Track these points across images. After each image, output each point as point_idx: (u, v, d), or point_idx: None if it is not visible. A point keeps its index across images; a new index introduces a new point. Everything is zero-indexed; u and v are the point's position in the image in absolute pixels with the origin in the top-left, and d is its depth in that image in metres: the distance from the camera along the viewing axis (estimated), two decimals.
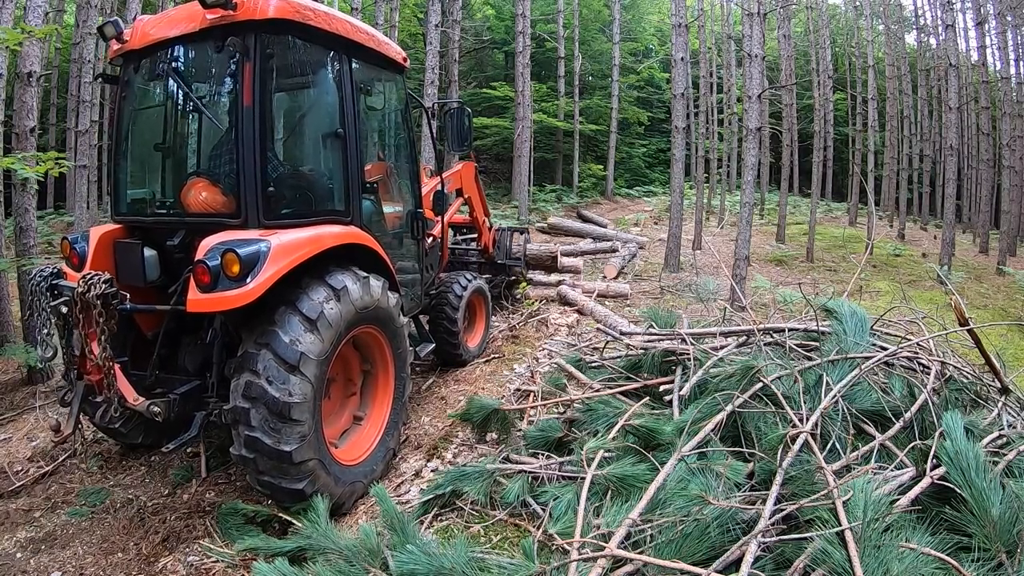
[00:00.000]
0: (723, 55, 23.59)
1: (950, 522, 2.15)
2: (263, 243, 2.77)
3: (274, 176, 3.12)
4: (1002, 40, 17.34)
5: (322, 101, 3.60)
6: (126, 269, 3.24)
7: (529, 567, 2.11)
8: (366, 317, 3.26)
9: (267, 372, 2.74)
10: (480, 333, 5.69)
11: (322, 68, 3.51)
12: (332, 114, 3.48)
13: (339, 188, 3.51)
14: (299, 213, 3.29)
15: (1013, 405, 3.26)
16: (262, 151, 2.98)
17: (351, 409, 3.62)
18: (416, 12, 19.80)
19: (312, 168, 3.60)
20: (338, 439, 3.45)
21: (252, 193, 2.98)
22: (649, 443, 2.94)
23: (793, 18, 20.62)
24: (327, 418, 3.29)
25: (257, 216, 2.99)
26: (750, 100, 7.87)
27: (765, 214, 19.33)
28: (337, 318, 2.99)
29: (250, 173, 2.97)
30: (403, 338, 3.66)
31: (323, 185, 3.55)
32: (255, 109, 2.94)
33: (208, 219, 3.11)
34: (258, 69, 2.95)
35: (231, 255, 2.68)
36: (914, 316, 4.52)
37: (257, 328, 2.86)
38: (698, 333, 4.08)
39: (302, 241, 2.99)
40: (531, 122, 18.27)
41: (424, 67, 12.42)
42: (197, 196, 3.18)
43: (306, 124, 3.67)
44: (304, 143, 3.69)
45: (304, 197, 3.41)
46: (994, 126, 17.67)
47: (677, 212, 9.85)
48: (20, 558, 2.89)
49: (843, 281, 8.91)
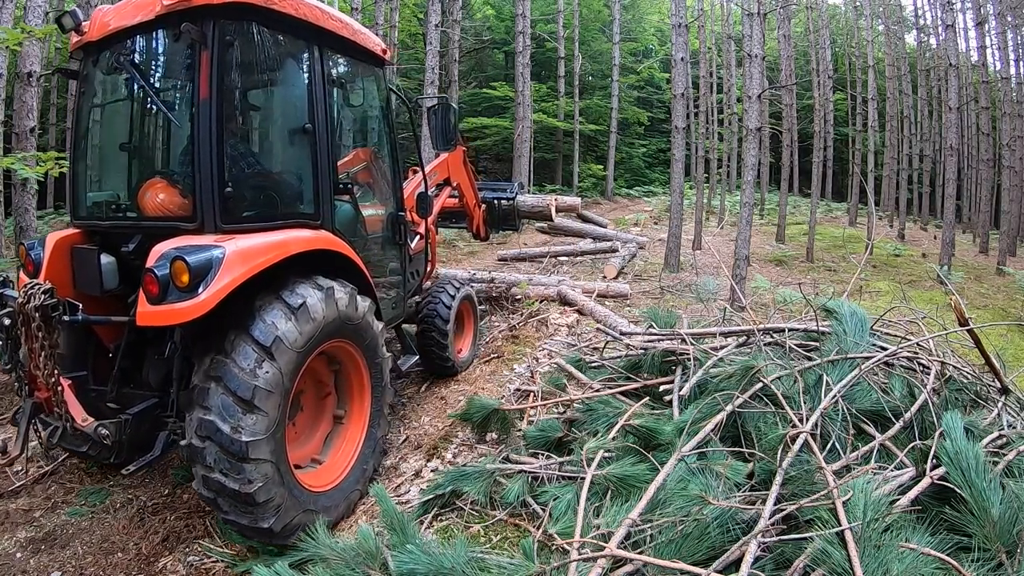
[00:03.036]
0: (723, 55, 23.60)
1: (950, 522, 2.15)
2: (217, 250, 2.53)
3: (233, 176, 2.86)
4: (1002, 40, 17.34)
5: (289, 94, 3.33)
6: (83, 277, 3.04)
7: (529, 567, 2.11)
8: (333, 331, 2.98)
9: (219, 409, 2.50)
10: (469, 342, 5.44)
11: (289, 58, 3.24)
12: (300, 108, 3.22)
13: (308, 189, 3.25)
14: (263, 216, 3.02)
15: (1013, 405, 3.26)
16: (219, 148, 2.73)
17: (324, 427, 3.37)
18: (416, 12, 19.80)
19: (277, 167, 3.33)
20: (319, 453, 3.26)
21: (208, 194, 2.72)
22: (649, 443, 2.94)
23: (793, 18, 20.62)
24: (297, 440, 3.13)
25: (214, 220, 2.73)
26: (750, 100, 7.87)
27: (765, 214, 19.33)
28: (296, 340, 2.70)
29: (206, 172, 2.71)
30: (378, 349, 3.39)
31: (290, 185, 3.30)
32: (212, 102, 2.70)
33: (164, 223, 2.87)
34: (216, 59, 2.70)
35: (180, 263, 2.45)
36: (914, 316, 4.52)
37: (208, 354, 2.61)
38: (698, 333, 4.08)
39: (263, 247, 2.72)
40: (531, 122, 18.28)
41: (424, 67, 12.42)
42: (154, 198, 2.95)
43: (271, 119, 3.36)
44: (268, 140, 3.38)
45: (268, 199, 3.15)
46: (994, 126, 17.68)
47: (677, 212, 9.85)
48: (20, 558, 2.89)
49: (843, 281, 8.91)
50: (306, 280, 2.91)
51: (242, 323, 2.63)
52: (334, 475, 3.15)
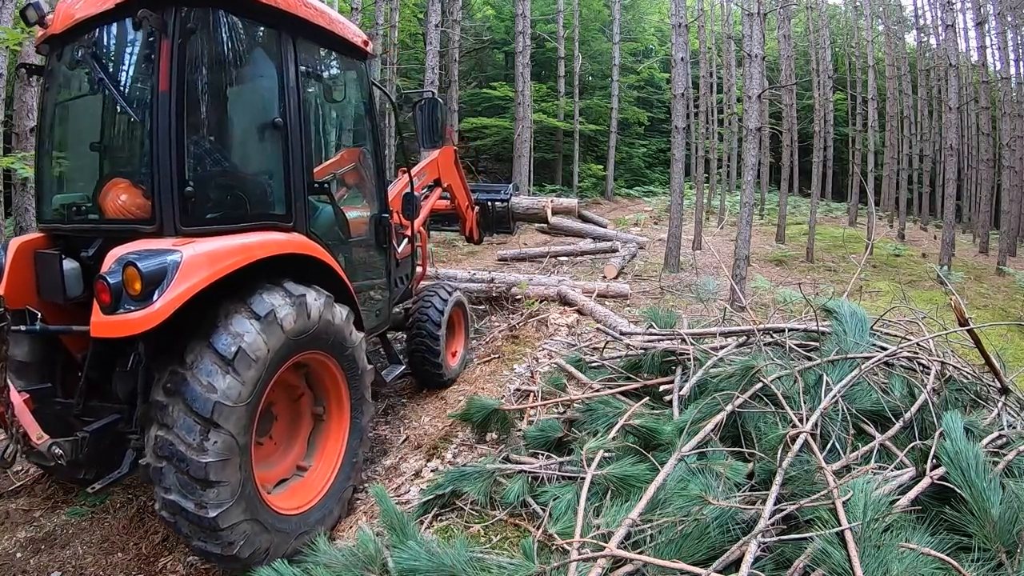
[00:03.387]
0: (723, 55, 23.61)
1: (950, 522, 2.16)
2: (173, 255, 2.34)
3: (195, 174, 2.65)
4: (1002, 40, 17.34)
5: (257, 86, 3.09)
6: (47, 284, 2.83)
7: (529, 567, 2.11)
8: (305, 342, 2.77)
9: (178, 427, 2.31)
10: (461, 349, 5.20)
11: (257, 48, 3.03)
12: (269, 102, 3.00)
13: (279, 188, 3.04)
14: (228, 218, 2.81)
15: (1013, 405, 3.26)
16: (179, 144, 2.53)
17: (300, 444, 3.16)
18: (416, 12, 19.80)
19: (245, 165, 3.08)
20: (290, 476, 3.04)
21: (167, 194, 2.52)
22: (649, 443, 2.94)
23: (793, 18, 20.64)
24: (269, 459, 2.94)
25: (173, 222, 2.54)
26: (750, 100, 7.87)
27: (765, 214, 19.33)
28: (262, 352, 2.49)
29: (165, 171, 2.51)
30: (358, 359, 3.17)
31: (259, 185, 3.07)
32: (171, 95, 2.50)
33: (124, 226, 2.68)
34: (176, 48, 2.51)
35: (131, 270, 2.27)
36: (914, 316, 4.52)
37: (168, 367, 2.42)
38: (698, 333, 4.08)
39: (225, 251, 2.52)
40: (531, 122, 18.29)
41: (424, 67, 12.42)
42: (116, 199, 2.76)
43: (237, 113, 3.07)
44: (235, 136, 3.09)
45: (234, 199, 2.93)
46: (994, 126, 17.68)
47: (677, 212, 9.85)
48: (20, 558, 2.89)
49: (843, 281, 8.91)
50: (276, 286, 2.70)
51: (204, 333, 2.44)
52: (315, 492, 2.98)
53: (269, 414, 2.92)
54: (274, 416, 2.98)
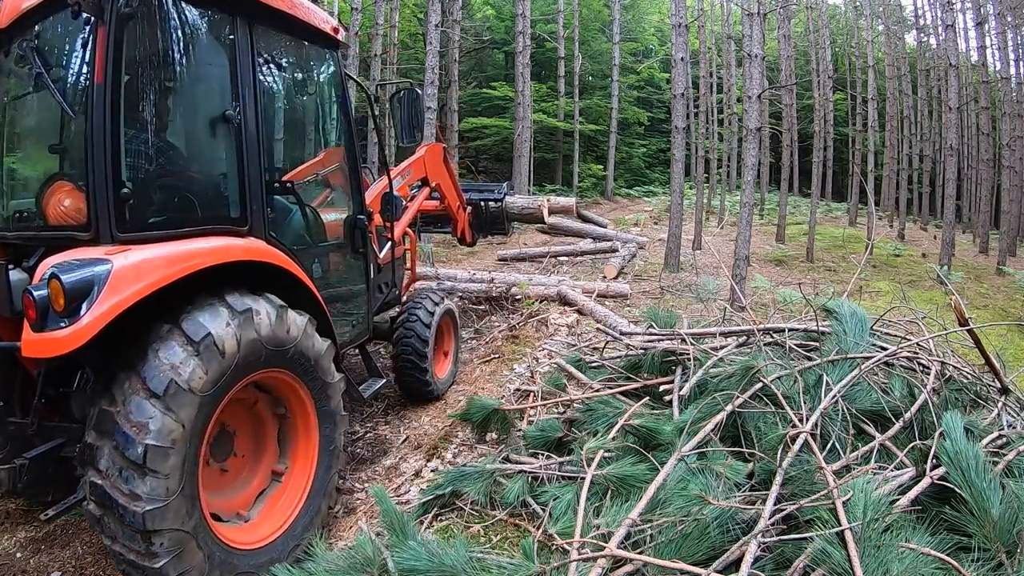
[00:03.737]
0: (723, 55, 23.62)
1: (950, 522, 2.16)
2: (101, 265, 2.10)
3: (134, 174, 2.42)
4: (1002, 40, 17.35)
5: (207, 76, 2.80)
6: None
7: (529, 567, 2.11)
8: (256, 361, 2.49)
9: (109, 472, 2.10)
10: (450, 361, 4.93)
11: (207, 34, 2.77)
12: (221, 93, 2.74)
13: (232, 189, 2.77)
14: (173, 223, 2.54)
15: (1013, 405, 3.26)
16: (115, 142, 2.31)
17: (271, 447, 2.89)
18: (416, 12, 19.81)
19: (192, 163, 2.80)
20: (268, 485, 2.83)
21: (102, 197, 2.29)
22: (649, 443, 2.94)
23: (793, 18, 20.64)
24: (239, 477, 2.74)
25: (109, 228, 2.30)
26: (750, 100, 7.87)
27: (765, 214, 19.34)
28: (199, 382, 2.22)
29: (100, 171, 2.28)
30: (324, 375, 2.88)
31: (208, 185, 2.80)
32: (107, 87, 2.28)
33: (64, 233, 2.47)
34: (112, 35, 2.28)
35: (55, 283, 2.04)
36: (914, 316, 4.52)
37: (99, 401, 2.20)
38: (698, 333, 4.08)
39: (164, 260, 2.26)
40: (531, 122, 18.29)
41: (424, 67, 12.42)
42: (58, 204, 2.57)
43: (184, 106, 2.79)
44: (181, 131, 2.80)
45: (180, 201, 2.65)
46: (994, 126, 17.69)
47: (677, 212, 9.85)
48: (20, 558, 2.89)
49: (843, 281, 8.91)
50: (219, 301, 2.42)
51: (133, 362, 2.20)
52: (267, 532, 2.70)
53: (225, 434, 2.68)
54: (232, 432, 2.72)
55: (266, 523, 2.70)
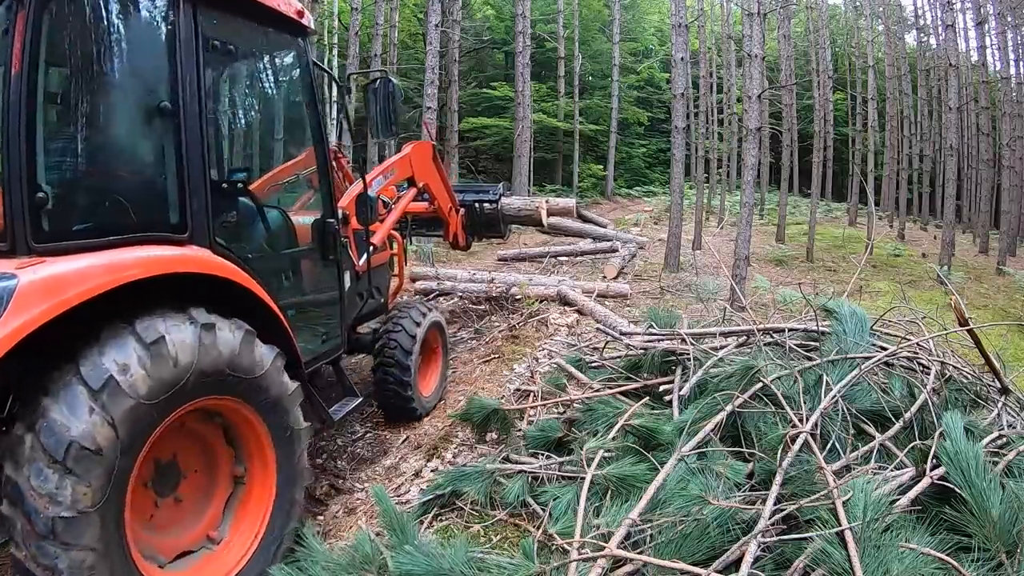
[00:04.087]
0: (723, 55, 23.63)
1: (950, 522, 2.15)
2: (6, 281, 1.86)
3: (52, 176, 2.16)
4: (1002, 40, 17.37)
5: (143, 64, 2.47)
6: None
7: (529, 567, 2.11)
8: (213, 384, 2.26)
9: (28, 469, 1.89)
10: (436, 377, 4.58)
11: (144, 15, 2.50)
12: (158, 83, 2.42)
13: (171, 191, 2.46)
14: (100, 230, 2.24)
15: (1013, 405, 3.26)
16: (30, 139, 2.06)
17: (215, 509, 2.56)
18: (416, 12, 19.84)
19: (123, 163, 2.46)
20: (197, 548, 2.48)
21: (17, 203, 2.04)
22: (649, 443, 2.94)
23: (793, 18, 20.64)
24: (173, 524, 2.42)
25: (25, 237, 2.04)
26: (750, 100, 7.87)
27: (765, 214, 19.34)
28: (142, 386, 2.01)
29: (14, 173, 2.04)
30: (287, 415, 2.61)
31: (141, 187, 2.46)
32: (24, 77, 2.03)
33: None
34: (33, 18, 2.04)
35: None
36: (914, 316, 4.51)
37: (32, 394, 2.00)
38: (698, 333, 4.08)
39: (76, 276, 1.99)
40: (531, 122, 18.31)
41: (424, 67, 12.43)
42: None
43: (113, 98, 2.45)
44: (109, 127, 2.46)
45: (109, 207, 2.32)
46: (994, 126, 17.71)
47: (677, 212, 9.86)
48: None
49: (843, 281, 8.91)
50: (178, 312, 2.23)
51: (75, 356, 2.01)
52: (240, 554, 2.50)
53: (174, 469, 2.42)
54: (181, 473, 2.45)
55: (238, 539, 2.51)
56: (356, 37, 14.13)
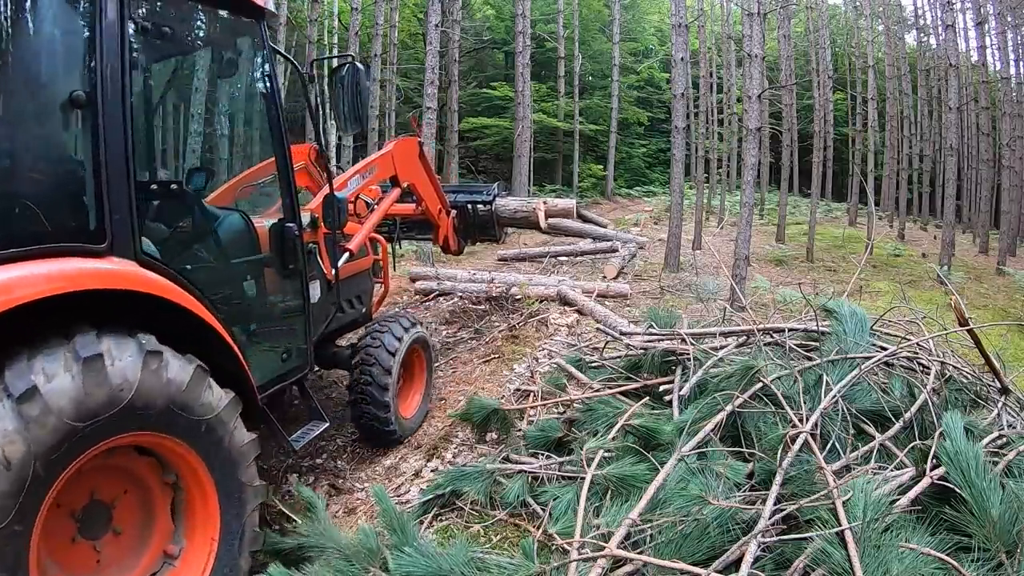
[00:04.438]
0: (723, 55, 23.62)
1: (950, 522, 2.15)
2: None
3: None
4: (1002, 40, 17.37)
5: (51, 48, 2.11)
6: None
7: (529, 567, 2.11)
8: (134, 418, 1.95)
9: None
10: (419, 397, 4.21)
11: None
12: (70, 69, 2.09)
13: (87, 194, 2.10)
14: None
15: (1013, 405, 3.26)
16: None
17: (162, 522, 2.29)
18: (416, 12, 19.84)
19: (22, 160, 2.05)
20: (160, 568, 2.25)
21: None
22: (649, 443, 2.94)
23: (793, 18, 20.64)
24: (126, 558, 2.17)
25: None
26: (750, 100, 7.87)
27: (765, 214, 19.34)
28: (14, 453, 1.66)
29: None
30: (219, 440, 2.24)
31: (48, 189, 2.09)
32: None
33: None
34: None
35: None
36: (914, 316, 4.51)
37: None
38: (698, 333, 4.08)
39: None
40: (531, 122, 18.31)
41: (424, 67, 12.43)
42: None
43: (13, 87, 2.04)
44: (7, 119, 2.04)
45: (10, 213, 1.97)
46: (994, 126, 17.72)
47: (677, 212, 9.86)
48: None
49: (843, 281, 8.91)
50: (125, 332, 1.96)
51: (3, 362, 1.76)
52: None
53: (99, 508, 2.12)
54: (108, 506, 2.16)
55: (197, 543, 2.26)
56: (356, 37, 14.13)
